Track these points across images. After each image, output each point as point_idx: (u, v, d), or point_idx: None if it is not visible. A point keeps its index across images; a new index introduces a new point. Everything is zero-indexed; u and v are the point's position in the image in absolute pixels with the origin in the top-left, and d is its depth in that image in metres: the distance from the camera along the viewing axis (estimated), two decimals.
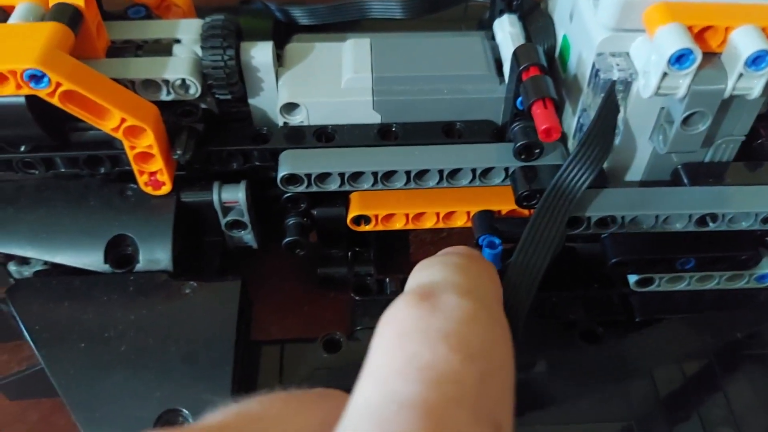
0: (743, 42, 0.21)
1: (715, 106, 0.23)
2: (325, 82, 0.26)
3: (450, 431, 0.13)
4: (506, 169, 0.26)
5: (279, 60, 0.27)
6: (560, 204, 0.22)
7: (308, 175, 0.25)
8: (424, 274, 0.17)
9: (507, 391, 0.15)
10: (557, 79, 0.27)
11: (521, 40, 0.26)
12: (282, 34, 0.32)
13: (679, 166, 0.26)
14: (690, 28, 0.22)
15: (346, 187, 0.26)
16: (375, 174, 0.25)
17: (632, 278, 0.28)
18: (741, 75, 0.22)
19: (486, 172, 0.26)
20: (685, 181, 0.26)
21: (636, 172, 0.26)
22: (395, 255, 0.32)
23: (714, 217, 0.25)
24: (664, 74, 0.22)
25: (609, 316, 0.27)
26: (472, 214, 0.27)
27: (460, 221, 0.27)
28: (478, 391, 0.14)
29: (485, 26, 0.30)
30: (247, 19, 0.34)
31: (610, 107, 0.23)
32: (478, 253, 0.19)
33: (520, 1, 0.27)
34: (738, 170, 0.26)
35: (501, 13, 0.27)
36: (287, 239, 0.27)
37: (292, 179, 0.25)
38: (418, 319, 0.15)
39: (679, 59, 0.21)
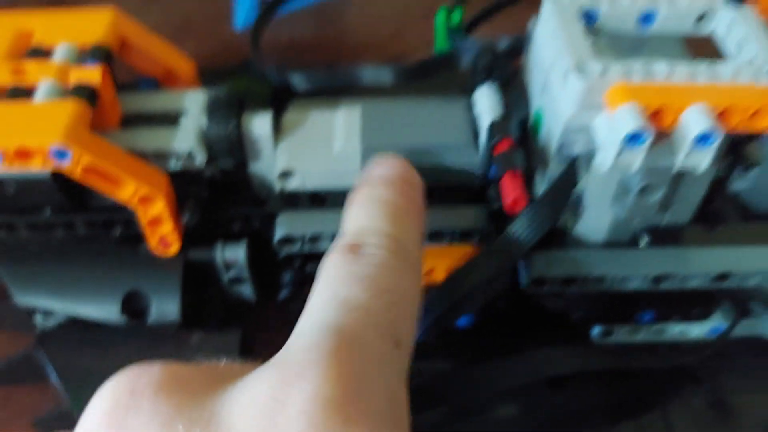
0: (691, 121, 0.24)
1: (667, 180, 0.25)
2: (319, 150, 0.29)
3: (358, 344, 0.18)
4: (481, 230, 0.28)
5: (277, 127, 0.30)
6: (501, 254, 0.25)
7: (302, 237, 0.28)
8: (354, 216, 0.23)
9: (409, 316, 0.20)
10: (530, 147, 0.29)
11: (499, 110, 0.29)
12: (281, 97, 0.35)
13: (639, 229, 0.28)
14: (645, 109, 0.24)
15: None
16: None
17: (595, 330, 0.30)
18: (689, 152, 0.24)
19: (464, 233, 0.28)
20: (644, 243, 0.28)
21: (600, 233, 0.28)
22: None
23: (668, 277, 0.27)
24: (620, 151, 0.24)
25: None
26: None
27: (439, 276, 0.30)
28: (383, 316, 0.19)
29: (468, 91, 0.32)
30: (249, 81, 0.38)
31: (566, 180, 0.26)
32: (405, 180, 0.24)
33: (499, 71, 0.30)
34: (693, 233, 0.28)
35: (481, 82, 0.30)
36: (283, 294, 0.29)
37: (287, 240, 0.28)
38: (342, 266, 0.20)
39: (632, 138, 0.24)
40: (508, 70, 0.30)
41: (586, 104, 0.25)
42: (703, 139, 0.24)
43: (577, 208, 0.28)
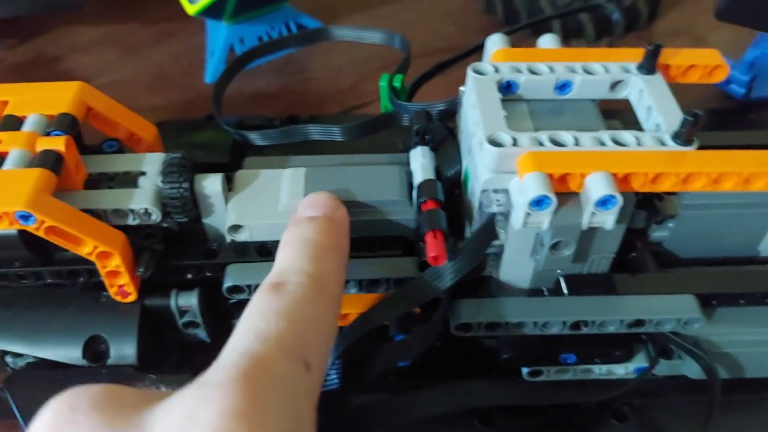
0: (594, 186, 0.26)
1: (576, 236, 0.28)
2: (266, 206, 0.31)
3: (267, 367, 0.21)
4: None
5: (230, 184, 0.32)
6: (422, 291, 0.28)
7: (248, 286, 0.30)
8: (281, 256, 0.26)
9: (321, 343, 0.23)
10: (462, 200, 0.32)
11: (430, 170, 0.31)
12: (240, 150, 0.38)
13: (560, 278, 0.31)
14: (551, 175, 0.27)
15: None
16: None
17: (524, 370, 0.32)
18: (594, 213, 0.27)
19: (398, 281, 0.31)
20: (564, 291, 0.30)
21: (524, 281, 0.31)
22: None
23: (585, 323, 0.30)
24: (528, 213, 0.27)
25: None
26: None
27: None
28: (294, 343, 0.22)
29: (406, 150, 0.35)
30: (211, 134, 0.40)
31: (484, 235, 0.28)
32: (328, 218, 0.28)
33: (431, 136, 0.33)
34: (611, 281, 0.31)
35: (415, 145, 0.33)
36: None
37: (236, 289, 0.30)
38: (262, 302, 0.23)
39: (538, 202, 0.26)
40: (440, 133, 0.33)
41: (500, 170, 0.28)
42: (604, 202, 0.26)
43: (501, 259, 0.30)
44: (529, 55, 0.32)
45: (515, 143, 0.27)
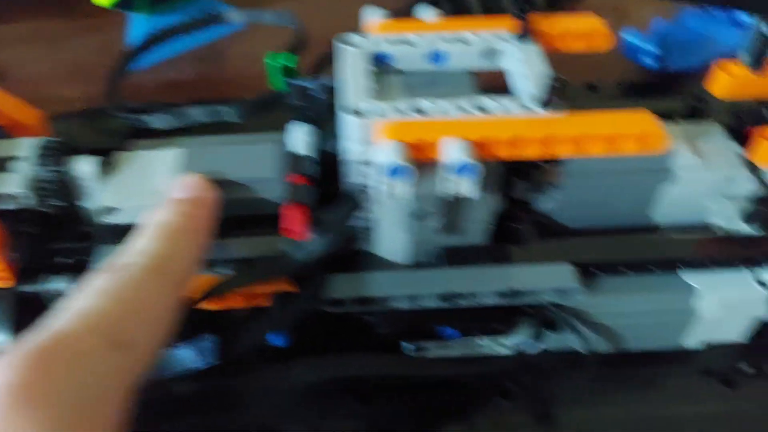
0: (451, 153, 0.26)
1: (440, 206, 0.27)
2: (141, 187, 0.31)
3: (66, 343, 0.20)
4: None
5: (108, 167, 0.32)
6: (285, 264, 0.28)
7: None
8: (132, 237, 0.26)
9: (147, 324, 0.23)
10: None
11: (307, 146, 0.31)
12: (140, 135, 0.38)
13: (439, 250, 0.30)
14: (410, 144, 0.26)
15: None
16: None
17: (408, 346, 0.32)
18: (454, 181, 0.26)
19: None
20: (441, 262, 0.30)
21: (401, 255, 0.30)
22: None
23: (460, 296, 0.29)
24: (387, 183, 0.26)
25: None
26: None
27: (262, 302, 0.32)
28: (110, 323, 0.22)
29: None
30: (113, 121, 0.40)
31: (348, 208, 0.28)
32: (191, 200, 0.27)
33: (311, 111, 0.32)
34: (489, 252, 0.30)
35: (294, 120, 0.32)
36: None
37: None
38: (92, 281, 0.23)
39: (394, 171, 0.26)
40: (322, 108, 0.32)
41: (363, 141, 0.27)
42: (461, 169, 0.26)
43: (375, 232, 0.30)
44: (405, 25, 0.31)
45: (377, 113, 0.27)
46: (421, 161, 0.26)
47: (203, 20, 0.38)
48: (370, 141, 0.27)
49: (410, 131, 0.26)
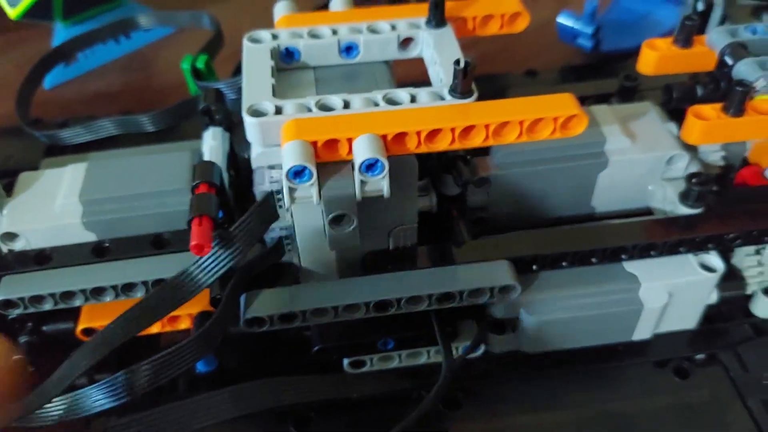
0: (358, 151, 0.24)
1: (354, 208, 0.25)
2: (42, 209, 0.28)
3: None
4: None
5: (9, 190, 0.30)
6: (178, 293, 0.25)
7: (21, 299, 0.27)
8: None
9: None
10: None
11: (218, 152, 0.29)
12: (55, 153, 0.36)
13: (364, 255, 0.28)
14: (316, 143, 0.25)
15: (62, 305, 0.28)
16: (84, 291, 0.28)
17: (345, 361, 0.30)
18: (366, 180, 0.24)
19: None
20: (366, 269, 0.28)
21: (328, 264, 0.28)
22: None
23: (390, 303, 0.27)
24: (291, 186, 0.24)
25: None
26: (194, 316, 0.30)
27: (183, 324, 0.30)
28: None
29: None
30: (28, 139, 0.38)
31: (259, 217, 0.26)
32: None
33: (222, 116, 0.30)
34: (419, 254, 0.28)
35: (206, 126, 0.30)
36: (16, 357, 0.29)
37: (9, 304, 0.28)
38: None
39: (297, 174, 0.24)
40: (233, 110, 0.30)
41: (266, 143, 0.25)
42: (370, 167, 0.24)
43: (295, 241, 0.28)
44: (314, 18, 0.29)
45: (278, 112, 0.25)
46: (330, 160, 0.25)
47: (117, 26, 0.36)
48: (276, 143, 0.25)
49: (315, 129, 0.24)
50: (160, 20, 0.35)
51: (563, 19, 0.42)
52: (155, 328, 0.29)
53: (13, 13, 0.42)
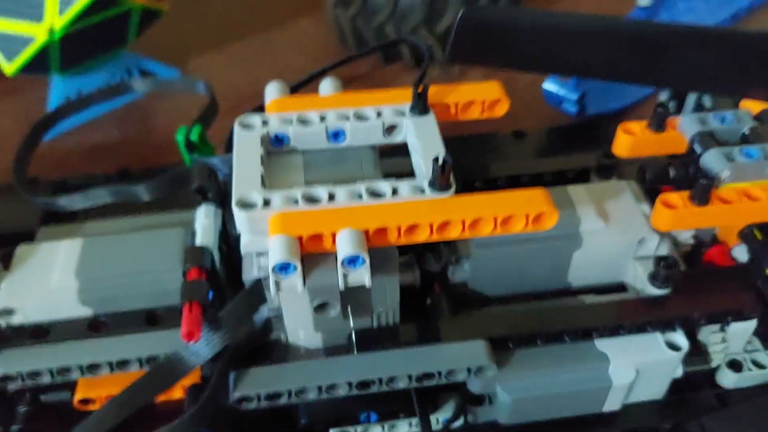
0: (341, 245, 0.25)
1: (337, 296, 0.27)
2: (39, 284, 0.30)
3: None
4: None
5: (7, 263, 0.31)
6: (170, 375, 0.26)
7: (19, 374, 0.29)
8: None
9: None
10: None
11: (210, 231, 0.30)
12: (55, 216, 0.37)
13: (350, 333, 0.29)
14: (301, 237, 0.26)
15: (58, 379, 0.29)
16: (80, 367, 0.29)
17: None
18: (347, 271, 0.26)
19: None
20: (354, 348, 0.29)
21: (315, 342, 0.30)
22: None
23: (371, 382, 0.28)
24: (276, 278, 0.25)
25: None
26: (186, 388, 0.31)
27: (177, 394, 0.31)
28: None
29: None
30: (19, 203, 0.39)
31: (247, 302, 0.27)
32: None
33: (215, 192, 0.31)
34: (401, 333, 0.30)
35: (199, 203, 0.31)
36: (16, 427, 0.30)
37: (7, 378, 0.29)
38: None
39: (282, 268, 0.25)
40: (226, 187, 0.32)
41: (255, 232, 0.27)
42: (352, 261, 0.25)
43: (283, 323, 0.29)
44: (303, 103, 0.31)
45: (266, 204, 0.26)
46: (315, 252, 0.26)
47: (111, 90, 0.37)
48: (263, 232, 0.27)
49: (301, 224, 0.26)
50: (154, 86, 0.37)
51: (549, 86, 0.43)
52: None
53: (9, 69, 0.44)
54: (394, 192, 0.27)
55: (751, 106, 0.33)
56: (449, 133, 0.32)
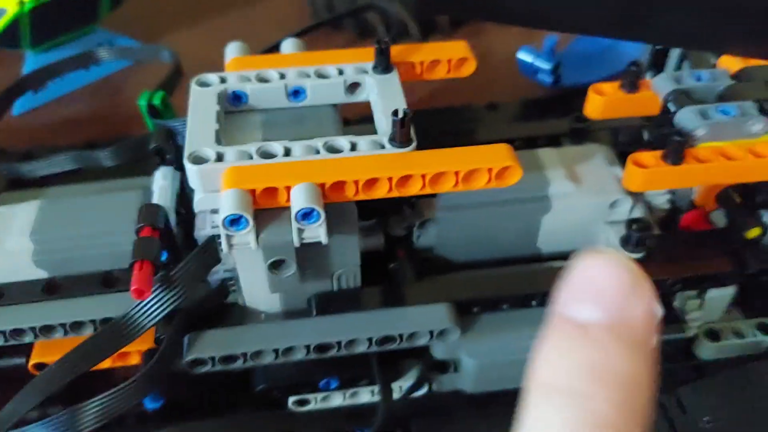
0: (295, 199, 0.24)
1: (292, 254, 0.26)
2: None
3: None
4: None
5: None
6: (122, 335, 0.25)
7: None
8: None
9: None
10: None
11: (167, 193, 0.29)
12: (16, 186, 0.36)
13: (311, 297, 0.28)
14: (254, 191, 0.25)
15: (12, 342, 0.28)
16: (34, 329, 0.28)
17: (291, 399, 0.30)
18: (302, 227, 0.25)
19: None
20: (313, 311, 0.28)
21: (272, 305, 0.29)
22: None
23: (331, 346, 0.27)
24: (228, 233, 0.25)
25: None
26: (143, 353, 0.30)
27: (134, 360, 0.30)
28: None
29: None
30: None
31: (200, 261, 0.26)
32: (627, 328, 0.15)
33: (174, 155, 0.31)
34: (362, 296, 0.29)
35: (157, 165, 0.31)
36: None
37: None
38: None
39: (233, 222, 0.24)
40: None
41: (207, 188, 0.26)
42: (305, 215, 0.24)
43: (239, 284, 0.28)
44: (263, 62, 0.30)
45: (219, 158, 0.26)
46: (269, 207, 0.25)
47: (79, 59, 0.37)
48: (217, 189, 0.26)
49: (254, 177, 0.25)
50: (120, 54, 0.36)
51: (523, 55, 0.42)
52: (106, 364, 0.29)
53: None
54: (353, 148, 0.26)
55: (729, 64, 0.32)
56: (423, 106, 0.32)
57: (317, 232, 0.25)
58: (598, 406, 0.14)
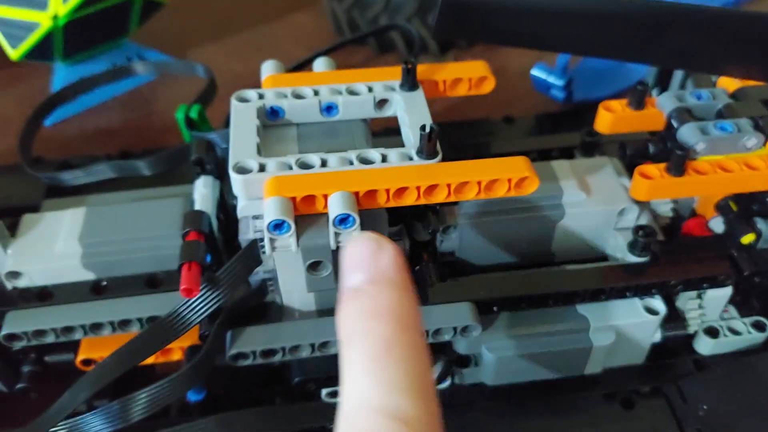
0: (332, 206, 0.27)
1: (329, 255, 0.28)
2: (44, 249, 0.31)
3: None
4: None
5: (13, 230, 0.32)
6: (170, 331, 0.28)
7: (25, 333, 0.30)
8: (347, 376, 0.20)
9: None
10: None
11: (209, 200, 0.32)
12: (59, 193, 0.38)
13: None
14: (295, 198, 0.27)
15: (62, 339, 0.31)
16: (83, 326, 0.30)
17: (324, 391, 0.33)
18: (336, 232, 0.27)
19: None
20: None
21: (309, 304, 0.31)
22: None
23: None
24: (271, 237, 0.27)
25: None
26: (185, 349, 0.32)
27: (176, 356, 0.33)
28: None
29: None
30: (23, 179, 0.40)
31: (243, 263, 0.28)
32: (378, 280, 0.21)
33: (213, 165, 0.33)
34: None
35: (197, 175, 0.33)
36: (20, 385, 0.32)
37: (13, 337, 0.30)
38: None
39: (277, 226, 0.26)
40: (224, 161, 0.33)
41: (251, 196, 0.28)
42: (342, 220, 0.27)
43: (278, 284, 0.31)
44: (297, 80, 0.32)
45: (262, 169, 0.28)
46: (308, 213, 0.28)
47: (113, 73, 0.39)
48: (260, 196, 0.28)
49: (294, 186, 0.27)
50: (155, 69, 0.38)
51: (537, 72, 0.45)
52: (150, 360, 0.32)
53: (14, 54, 0.45)
54: (384, 159, 0.28)
55: (728, 84, 0.34)
56: (445, 119, 0.34)
57: (353, 236, 0.27)
58: (378, 332, 0.20)
